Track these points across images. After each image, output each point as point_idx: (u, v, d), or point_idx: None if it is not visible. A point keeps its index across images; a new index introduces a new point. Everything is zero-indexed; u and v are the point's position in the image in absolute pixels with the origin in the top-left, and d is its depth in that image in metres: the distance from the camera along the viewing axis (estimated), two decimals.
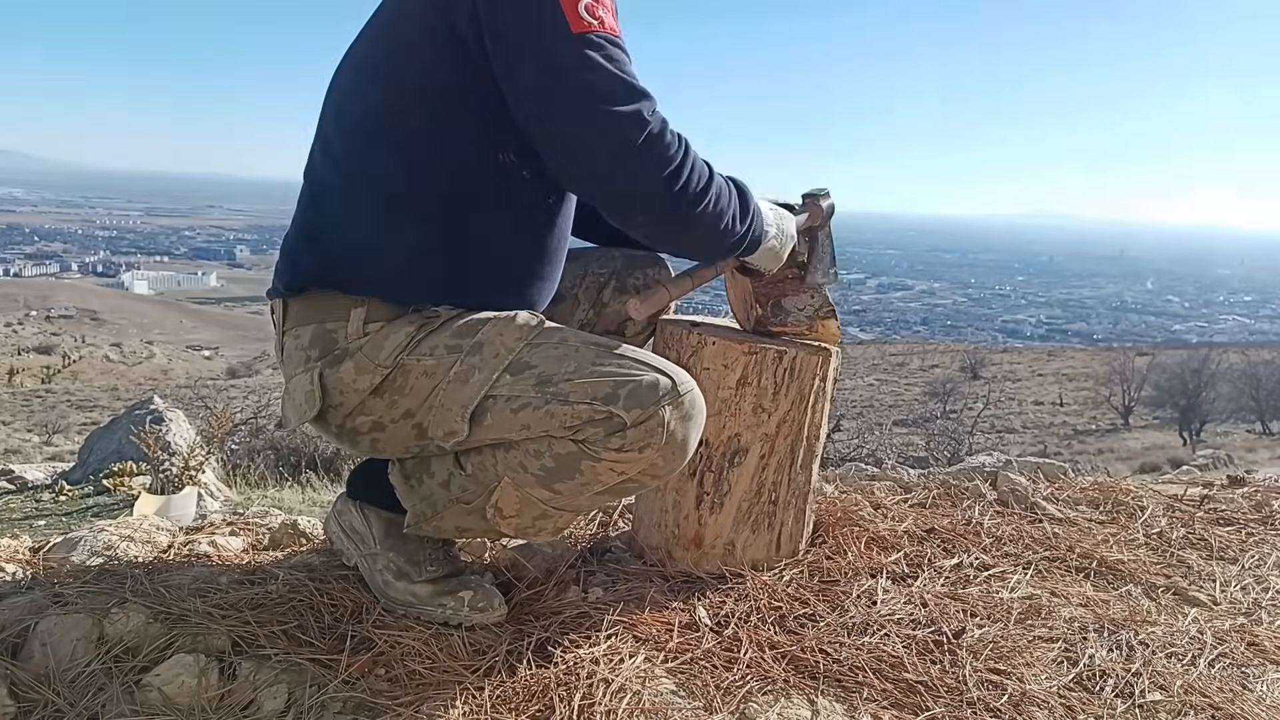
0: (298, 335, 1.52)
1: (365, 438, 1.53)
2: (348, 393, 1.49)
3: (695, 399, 1.43)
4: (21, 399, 19.52)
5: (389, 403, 1.48)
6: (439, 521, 1.56)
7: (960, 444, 9.47)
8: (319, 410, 1.50)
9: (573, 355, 1.42)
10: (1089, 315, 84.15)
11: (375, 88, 1.46)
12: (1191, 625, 1.72)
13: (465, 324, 1.48)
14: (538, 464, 1.43)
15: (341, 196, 1.50)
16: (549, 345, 1.44)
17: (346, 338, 1.48)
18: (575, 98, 1.35)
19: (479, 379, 1.43)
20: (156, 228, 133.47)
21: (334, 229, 1.50)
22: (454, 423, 1.44)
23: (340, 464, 5.01)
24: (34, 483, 3.80)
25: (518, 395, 1.41)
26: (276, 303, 1.56)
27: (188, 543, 1.95)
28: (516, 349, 1.44)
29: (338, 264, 1.48)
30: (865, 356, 33.24)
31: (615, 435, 1.38)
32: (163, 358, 37.97)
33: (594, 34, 1.34)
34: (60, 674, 1.37)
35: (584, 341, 1.45)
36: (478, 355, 1.44)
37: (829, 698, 1.44)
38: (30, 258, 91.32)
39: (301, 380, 1.51)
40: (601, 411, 1.37)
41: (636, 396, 1.37)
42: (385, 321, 1.48)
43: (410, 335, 1.47)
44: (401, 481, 1.59)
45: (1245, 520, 2.35)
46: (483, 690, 1.39)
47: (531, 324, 1.47)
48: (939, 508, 2.31)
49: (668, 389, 1.39)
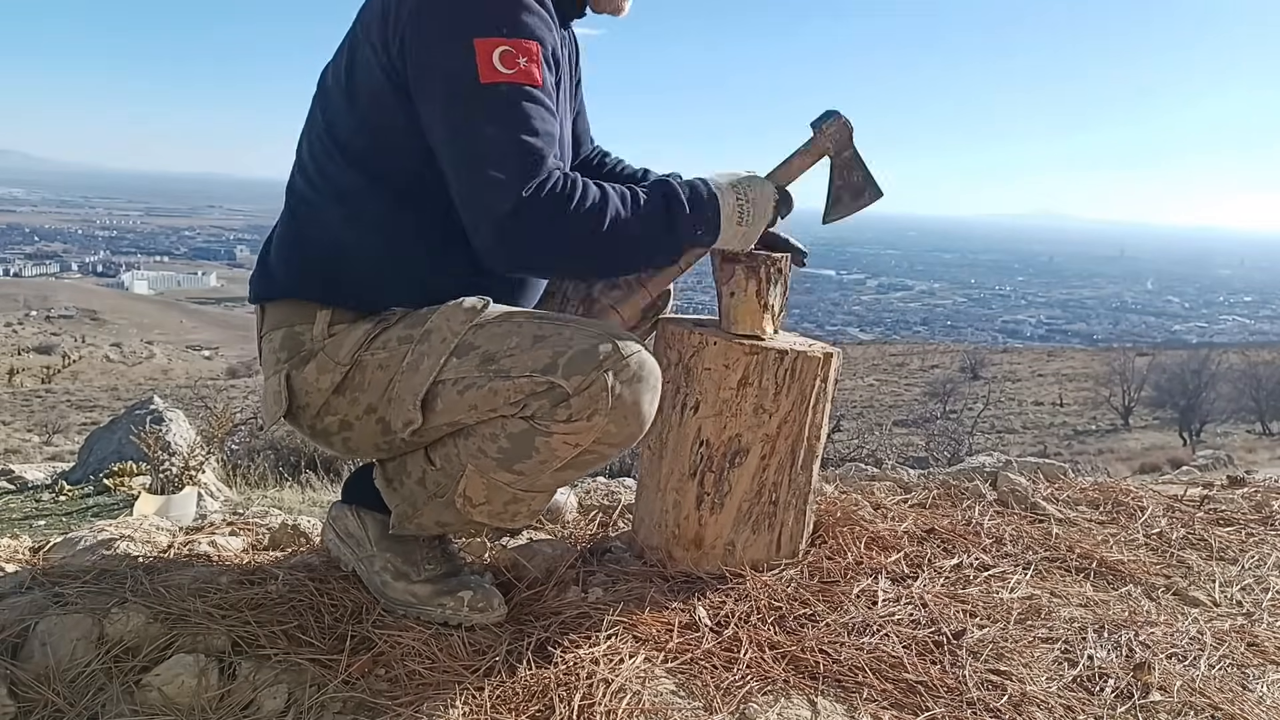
0: (271, 339, 1.57)
1: (336, 437, 1.57)
2: (312, 392, 1.53)
3: (642, 360, 1.42)
4: (21, 399, 19.53)
5: (350, 400, 1.52)
6: (420, 519, 1.58)
7: (960, 444, 9.48)
8: (286, 410, 1.55)
9: (515, 331, 1.43)
10: (1089, 315, 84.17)
11: (338, 107, 1.52)
12: (1192, 626, 1.72)
13: (416, 315, 1.51)
14: (494, 446, 1.44)
15: (313, 210, 1.55)
16: (493, 324, 1.45)
17: (312, 339, 1.53)
18: (462, 151, 1.39)
19: (428, 365, 1.45)
20: (156, 228, 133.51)
21: (306, 241, 1.56)
22: (408, 411, 1.46)
23: (340, 464, 5.01)
24: (34, 483, 3.80)
25: (463, 376, 1.43)
26: (257, 309, 1.62)
27: (188, 543, 1.95)
28: (461, 332, 1.45)
29: (308, 274, 1.54)
30: (865, 356, 33.24)
31: (560, 406, 1.38)
32: (163, 358, 37.98)
33: (503, 84, 1.36)
34: (60, 674, 1.37)
35: (529, 317, 1.46)
36: (426, 343, 1.46)
37: (829, 698, 1.44)
38: (30, 258, 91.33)
39: (272, 381, 1.57)
40: (542, 382, 1.38)
41: (575, 364, 1.37)
42: (348, 323, 1.53)
43: (367, 332, 1.51)
44: (384, 485, 1.62)
45: (1245, 520, 2.35)
46: (483, 690, 1.39)
47: (477, 306, 1.48)
48: (939, 508, 2.31)
49: (608, 353, 1.38)
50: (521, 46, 1.38)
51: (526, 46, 1.38)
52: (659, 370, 1.46)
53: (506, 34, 1.37)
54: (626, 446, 1.49)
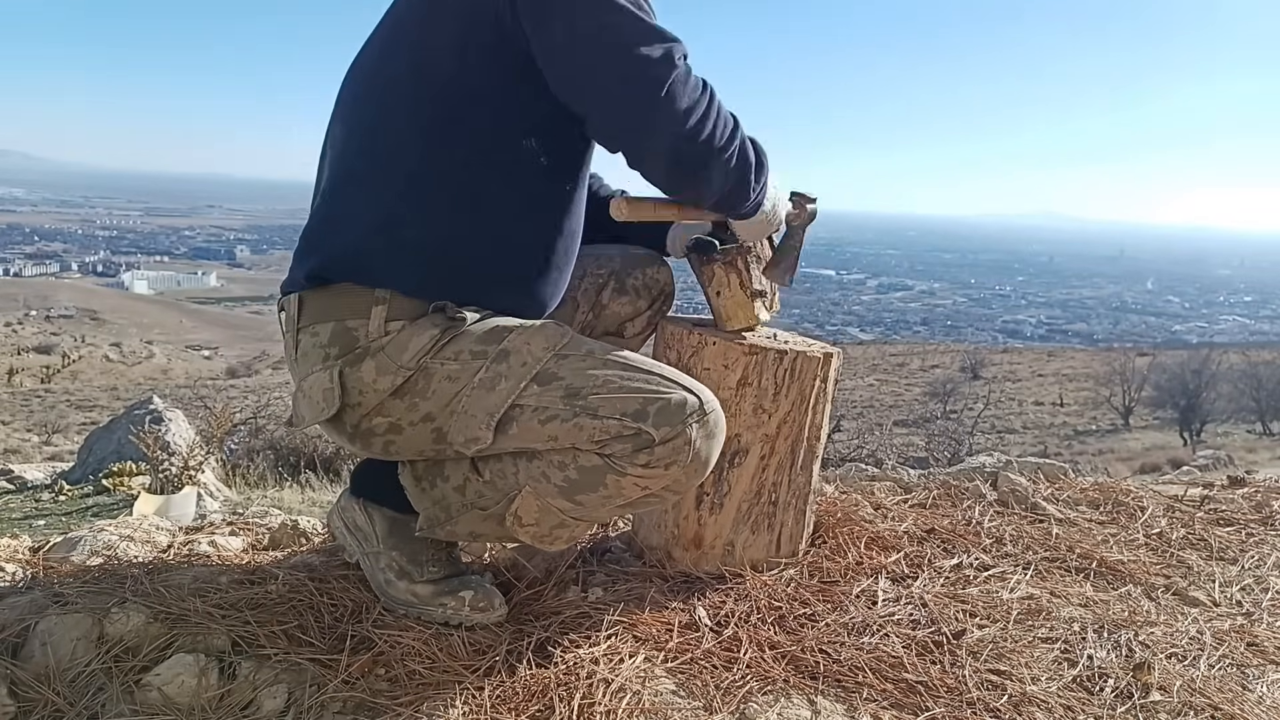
0: (315, 332, 1.49)
1: (379, 439, 1.52)
2: (367, 392, 1.47)
3: (719, 417, 1.44)
4: (21, 399, 19.54)
5: (409, 405, 1.47)
6: (453, 526, 1.56)
7: (960, 444, 9.47)
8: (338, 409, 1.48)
9: (600, 369, 1.43)
10: (1089, 316, 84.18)
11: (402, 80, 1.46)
12: (1192, 626, 1.72)
13: (491, 330, 1.47)
14: (561, 475, 1.43)
15: (363, 186, 1.49)
16: (576, 357, 1.44)
17: (368, 336, 1.46)
18: (601, 42, 1.37)
19: (505, 387, 1.43)
20: (156, 227, 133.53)
21: (354, 217, 1.49)
22: (478, 430, 1.44)
23: (340, 464, 5.01)
24: (34, 482, 3.80)
25: (546, 406, 1.41)
26: (291, 299, 1.53)
27: (187, 543, 1.95)
28: (544, 359, 1.44)
29: (357, 251, 1.47)
30: (865, 357, 33.24)
31: (643, 452, 1.38)
32: (162, 358, 37.97)
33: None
34: (60, 673, 1.37)
35: (611, 355, 1.46)
36: (504, 363, 1.44)
37: (829, 698, 1.44)
38: (30, 257, 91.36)
39: (320, 378, 1.49)
40: (631, 428, 1.38)
41: (666, 414, 1.38)
42: (407, 321, 1.46)
43: (434, 338, 1.45)
44: (413, 484, 1.59)
45: (1245, 521, 2.35)
46: (483, 690, 1.39)
47: (559, 335, 1.47)
48: (939, 508, 2.31)
49: (695, 408, 1.40)
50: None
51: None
52: (725, 422, 1.47)
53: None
54: (683, 494, 1.51)
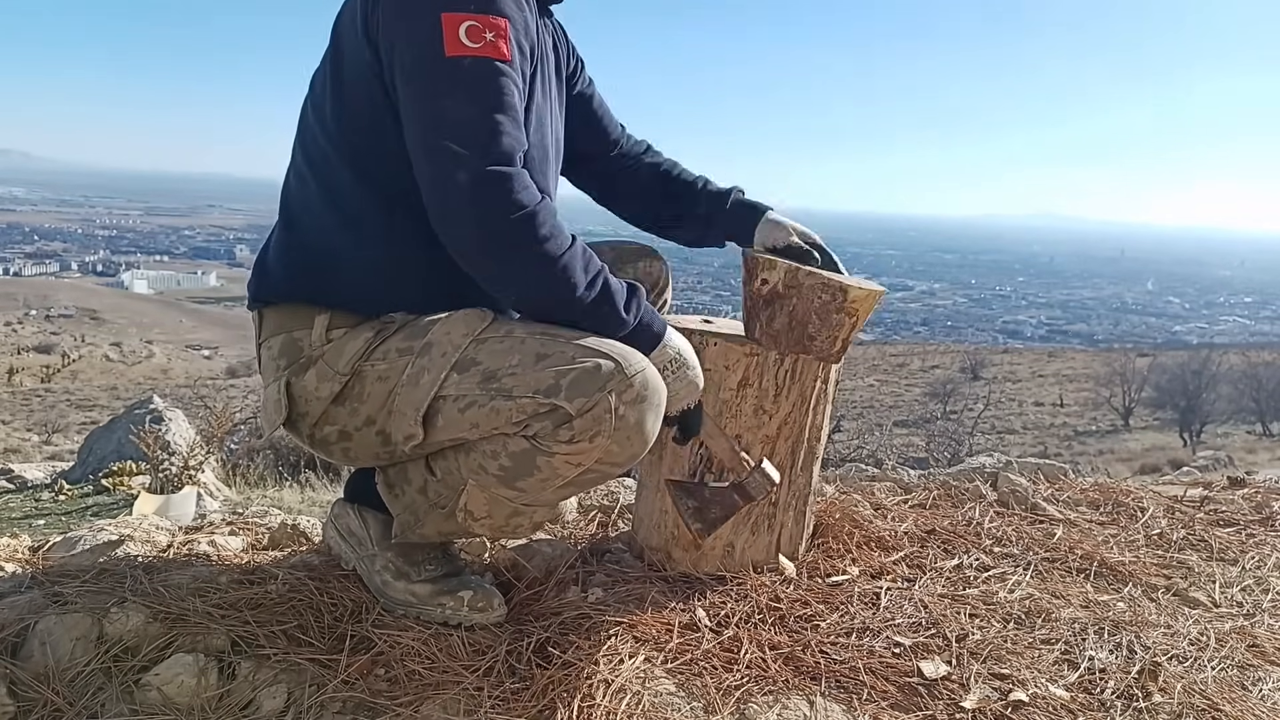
0: (269, 346, 1.54)
1: (335, 447, 1.55)
2: (312, 401, 1.50)
3: (646, 379, 1.38)
4: (21, 398, 19.53)
5: (350, 410, 1.50)
6: (422, 529, 1.57)
7: (960, 445, 9.48)
8: (286, 418, 1.52)
9: (518, 348, 1.40)
10: (1089, 316, 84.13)
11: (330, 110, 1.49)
12: (1192, 626, 1.72)
13: (417, 326, 1.48)
14: (495, 464, 1.43)
15: (310, 213, 1.53)
16: (495, 340, 1.42)
17: (310, 345, 1.50)
18: (425, 123, 1.36)
19: (428, 380, 1.42)
20: (156, 227, 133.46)
21: (302, 245, 1.53)
22: (409, 426, 1.45)
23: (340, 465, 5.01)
24: (33, 482, 3.79)
25: (464, 394, 1.41)
26: (254, 315, 1.59)
27: (187, 542, 1.95)
28: (463, 345, 1.43)
29: (306, 276, 1.51)
30: (865, 357, 33.22)
31: (562, 428, 1.36)
32: (162, 357, 37.98)
33: (467, 59, 1.34)
34: (60, 673, 1.37)
35: (531, 332, 1.42)
36: (427, 356, 1.44)
37: (829, 698, 1.44)
38: (30, 257, 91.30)
39: (271, 389, 1.54)
40: (545, 404, 1.35)
41: (579, 385, 1.34)
42: (348, 329, 1.50)
43: (367, 341, 1.48)
44: (386, 491, 1.60)
45: (1245, 521, 2.34)
46: (482, 690, 1.39)
47: (479, 320, 1.45)
48: (939, 509, 2.31)
49: (611, 373, 1.35)
50: (489, 22, 1.36)
51: (494, 22, 1.36)
52: (664, 387, 1.42)
53: (474, 9, 1.35)
54: (630, 465, 1.48)
